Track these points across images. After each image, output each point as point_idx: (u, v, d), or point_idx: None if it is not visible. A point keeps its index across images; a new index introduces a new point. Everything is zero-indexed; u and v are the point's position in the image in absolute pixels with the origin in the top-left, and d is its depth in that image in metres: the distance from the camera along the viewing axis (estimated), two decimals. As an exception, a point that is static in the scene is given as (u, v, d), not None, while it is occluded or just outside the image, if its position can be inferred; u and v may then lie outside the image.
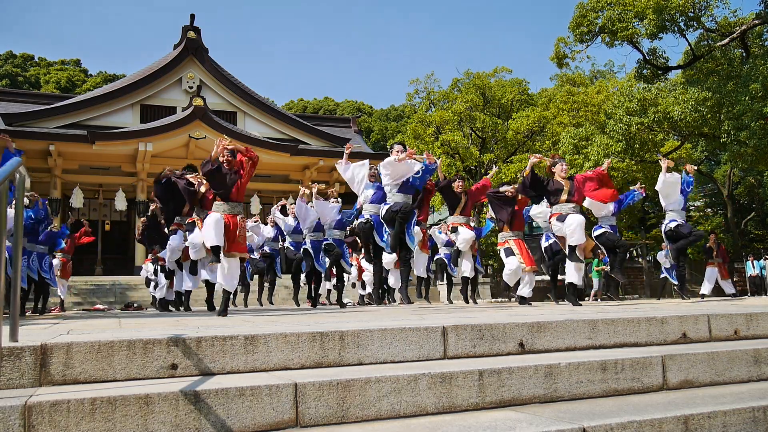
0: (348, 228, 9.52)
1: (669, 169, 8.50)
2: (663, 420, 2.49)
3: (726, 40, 15.56)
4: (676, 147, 18.94)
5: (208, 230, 5.53)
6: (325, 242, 9.27)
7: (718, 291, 12.96)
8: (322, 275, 9.90)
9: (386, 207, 7.26)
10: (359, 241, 9.31)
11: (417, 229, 8.14)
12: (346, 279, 10.62)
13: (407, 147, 7.41)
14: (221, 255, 5.62)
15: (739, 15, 16.37)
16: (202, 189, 7.39)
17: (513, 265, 7.64)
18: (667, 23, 15.29)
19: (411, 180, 7.25)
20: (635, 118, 15.72)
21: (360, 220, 7.80)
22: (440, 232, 10.06)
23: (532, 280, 7.71)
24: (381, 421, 2.52)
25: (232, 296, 9.37)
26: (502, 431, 2.30)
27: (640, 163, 17.44)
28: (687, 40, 16.52)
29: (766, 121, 13.51)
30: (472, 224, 9.43)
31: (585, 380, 2.92)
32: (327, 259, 9.36)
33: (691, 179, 9.09)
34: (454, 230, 9.07)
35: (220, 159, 5.75)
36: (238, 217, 5.79)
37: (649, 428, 2.45)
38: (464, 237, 8.86)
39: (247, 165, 5.79)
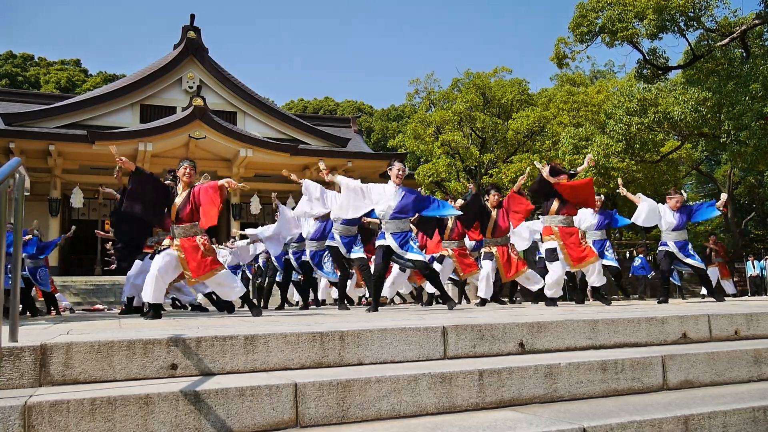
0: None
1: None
2: (663, 420, 2.49)
3: (726, 40, 15.55)
4: (676, 147, 18.92)
5: None
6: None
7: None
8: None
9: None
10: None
11: None
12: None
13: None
14: None
15: (739, 15, 16.37)
16: None
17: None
18: (667, 23, 15.29)
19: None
20: (635, 118, 15.71)
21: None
22: None
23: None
24: (381, 421, 2.52)
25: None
26: (502, 431, 2.29)
27: (640, 163, 17.43)
28: (687, 40, 16.52)
29: (766, 121, 13.51)
30: None
31: (585, 380, 2.92)
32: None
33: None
34: None
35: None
36: None
37: (649, 428, 2.45)
38: None
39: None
